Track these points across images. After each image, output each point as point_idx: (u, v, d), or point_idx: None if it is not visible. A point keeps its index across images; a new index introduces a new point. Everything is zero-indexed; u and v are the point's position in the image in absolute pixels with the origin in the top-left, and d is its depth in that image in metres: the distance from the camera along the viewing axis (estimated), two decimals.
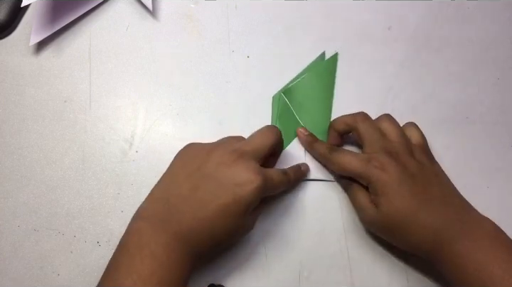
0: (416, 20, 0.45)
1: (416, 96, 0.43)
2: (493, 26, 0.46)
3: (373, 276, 0.38)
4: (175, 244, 0.29)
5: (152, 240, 0.29)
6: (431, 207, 0.33)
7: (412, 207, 0.32)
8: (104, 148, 0.40)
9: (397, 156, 0.34)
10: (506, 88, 0.44)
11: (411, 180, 0.33)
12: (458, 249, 0.31)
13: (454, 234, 0.32)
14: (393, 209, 0.33)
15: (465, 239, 0.31)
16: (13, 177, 0.39)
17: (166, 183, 0.33)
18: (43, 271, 0.37)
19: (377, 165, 0.34)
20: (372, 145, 0.35)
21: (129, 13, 0.43)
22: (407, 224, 0.33)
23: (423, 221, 0.32)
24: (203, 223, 0.30)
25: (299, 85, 0.42)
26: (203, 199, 0.30)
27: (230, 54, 0.43)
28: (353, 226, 0.39)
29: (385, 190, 0.33)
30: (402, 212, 0.33)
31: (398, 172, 0.33)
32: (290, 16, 0.44)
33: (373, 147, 0.35)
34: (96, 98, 0.41)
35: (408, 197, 0.33)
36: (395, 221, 0.33)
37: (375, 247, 0.39)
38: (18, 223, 0.38)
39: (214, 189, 0.30)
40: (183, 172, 0.32)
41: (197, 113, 0.41)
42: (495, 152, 0.42)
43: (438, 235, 0.32)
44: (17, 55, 0.42)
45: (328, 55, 0.44)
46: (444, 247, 0.32)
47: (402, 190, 0.33)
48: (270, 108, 0.42)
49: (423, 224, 0.32)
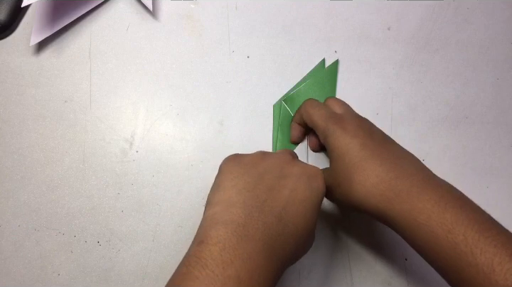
0: (416, 20, 0.45)
1: (416, 97, 0.43)
2: (492, 26, 0.46)
3: (373, 276, 0.38)
4: (262, 254, 0.24)
5: (237, 255, 0.23)
6: (388, 160, 0.31)
7: (359, 157, 0.31)
8: (105, 148, 0.40)
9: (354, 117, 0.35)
10: (506, 88, 0.44)
11: (367, 135, 0.33)
12: (421, 206, 0.28)
13: (415, 190, 0.29)
14: (340, 160, 0.32)
15: (428, 196, 0.28)
16: (13, 177, 0.39)
17: (233, 188, 0.28)
18: (44, 271, 0.37)
19: (336, 120, 0.34)
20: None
21: (129, 13, 0.43)
22: (352, 178, 0.31)
23: (377, 170, 0.30)
24: (288, 225, 0.27)
25: (299, 93, 0.42)
26: (283, 199, 0.28)
27: (230, 54, 0.43)
28: (353, 226, 0.39)
29: (337, 142, 0.33)
30: (348, 162, 0.31)
31: (354, 126, 0.33)
32: (290, 16, 0.44)
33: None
34: (96, 98, 0.41)
35: (358, 147, 0.32)
36: (340, 175, 0.32)
37: (375, 247, 0.39)
38: (19, 223, 0.38)
39: (291, 186, 0.28)
40: (249, 175, 0.29)
41: (197, 113, 0.41)
42: (494, 152, 0.42)
43: (394, 187, 0.29)
44: (17, 55, 0.42)
45: (328, 55, 0.44)
46: (403, 203, 0.29)
47: (353, 141, 0.32)
48: (270, 108, 0.42)
49: (376, 173, 0.30)
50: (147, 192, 0.39)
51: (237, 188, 0.28)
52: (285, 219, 0.27)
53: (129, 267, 0.37)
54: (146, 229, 0.38)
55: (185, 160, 0.40)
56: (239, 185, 0.28)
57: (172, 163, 0.40)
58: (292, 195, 0.28)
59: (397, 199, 0.29)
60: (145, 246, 0.38)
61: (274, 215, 0.27)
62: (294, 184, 0.29)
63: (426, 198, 0.28)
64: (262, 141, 0.41)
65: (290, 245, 0.27)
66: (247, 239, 0.24)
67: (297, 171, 0.30)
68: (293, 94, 0.42)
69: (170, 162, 0.40)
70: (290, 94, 0.42)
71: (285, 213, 0.27)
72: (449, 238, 0.26)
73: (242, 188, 0.28)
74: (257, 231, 0.25)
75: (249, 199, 0.27)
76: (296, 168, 0.30)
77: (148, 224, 0.38)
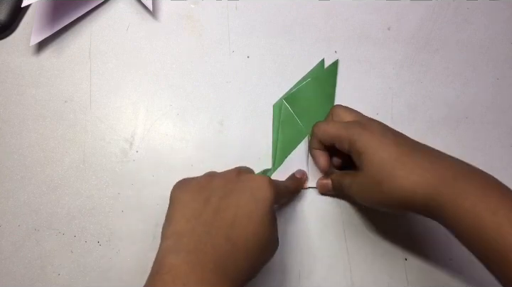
0: (415, 20, 0.45)
1: (416, 97, 0.43)
2: (492, 26, 0.46)
3: (373, 276, 0.38)
4: (214, 275, 0.26)
5: (189, 280, 0.25)
6: (419, 156, 0.31)
7: (398, 153, 0.31)
8: (105, 148, 0.40)
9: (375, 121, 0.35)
10: (506, 88, 0.44)
11: (393, 134, 0.33)
12: (466, 193, 0.28)
13: (457, 177, 0.29)
14: (377, 159, 0.31)
15: (472, 181, 0.29)
16: (13, 177, 0.39)
17: (183, 217, 0.29)
18: (44, 271, 0.37)
19: (358, 125, 0.34)
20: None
21: (129, 13, 0.43)
22: (394, 173, 0.30)
23: (412, 169, 0.30)
24: (236, 243, 0.28)
25: (300, 92, 0.42)
26: (229, 217, 0.28)
27: (230, 54, 0.43)
28: (353, 226, 0.39)
29: (367, 144, 0.32)
30: (387, 159, 0.31)
31: (380, 127, 0.33)
32: (290, 16, 0.44)
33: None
34: (96, 98, 0.41)
35: (393, 145, 0.31)
36: (380, 174, 0.31)
37: (375, 247, 0.39)
38: (19, 223, 0.38)
39: (234, 203, 0.29)
40: (196, 201, 0.30)
41: (197, 113, 0.41)
42: (494, 152, 0.42)
43: (433, 186, 0.29)
44: (17, 55, 0.42)
45: (328, 55, 0.44)
46: (448, 189, 0.29)
47: (385, 140, 0.32)
48: (270, 108, 0.42)
49: (413, 173, 0.30)
50: (147, 192, 0.39)
51: (186, 217, 0.29)
52: (233, 237, 0.28)
53: (129, 267, 0.37)
54: (146, 229, 0.38)
55: (185, 160, 0.40)
56: (187, 214, 0.29)
57: (172, 163, 0.40)
58: (238, 212, 0.29)
59: (444, 186, 0.29)
60: (145, 246, 0.38)
61: (221, 236, 0.28)
62: (237, 200, 0.29)
63: (472, 183, 0.29)
64: (262, 141, 0.41)
65: (242, 261, 0.28)
66: (197, 264, 0.26)
67: (240, 187, 0.30)
68: (293, 93, 0.42)
69: (170, 162, 0.40)
70: (291, 93, 0.42)
71: (232, 231, 0.28)
72: (494, 220, 0.27)
73: (190, 216, 0.29)
74: (207, 255, 0.27)
75: (197, 225, 0.28)
76: (240, 184, 0.30)
77: (148, 224, 0.38)
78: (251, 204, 0.29)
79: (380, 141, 0.32)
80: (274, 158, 0.41)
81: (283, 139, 0.41)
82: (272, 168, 0.40)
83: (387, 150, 0.31)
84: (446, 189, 0.29)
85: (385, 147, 0.31)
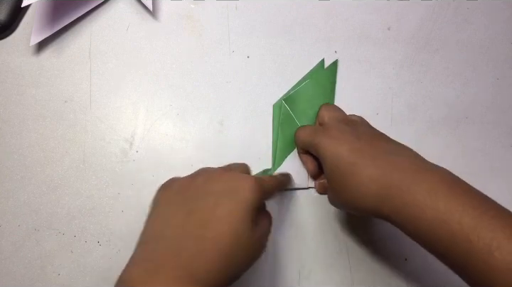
0: (415, 20, 0.45)
1: (415, 97, 0.43)
2: (492, 26, 0.46)
3: (373, 276, 0.38)
4: (179, 281, 0.25)
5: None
6: (377, 158, 0.31)
7: (354, 156, 0.31)
8: (105, 148, 0.40)
9: (339, 123, 0.35)
10: (506, 88, 0.44)
11: (354, 137, 0.33)
12: (412, 199, 0.28)
13: (405, 183, 0.28)
14: (335, 162, 0.31)
15: (419, 188, 0.28)
16: (13, 177, 0.39)
17: (154, 222, 0.29)
18: (44, 271, 0.37)
19: (321, 130, 0.34)
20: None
21: (129, 13, 0.43)
22: (351, 176, 0.30)
23: (367, 171, 0.30)
24: (208, 243, 0.26)
25: (299, 92, 0.42)
26: (203, 218, 0.27)
27: (230, 54, 0.43)
28: (353, 226, 0.39)
29: (329, 148, 0.32)
30: (344, 161, 0.31)
31: (340, 132, 0.33)
32: (290, 16, 0.44)
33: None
34: (96, 98, 0.41)
35: (350, 149, 0.31)
36: (339, 175, 0.31)
37: (375, 247, 0.39)
38: (19, 223, 0.38)
39: (211, 202, 0.28)
40: (172, 204, 0.29)
41: (197, 113, 0.42)
42: (494, 152, 0.42)
43: (384, 184, 0.29)
44: (17, 55, 0.42)
45: (328, 55, 0.44)
46: (396, 198, 0.28)
47: (344, 144, 0.32)
48: (270, 108, 0.42)
49: (367, 174, 0.30)
50: (147, 192, 0.39)
51: (158, 221, 0.29)
52: (206, 237, 0.26)
53: None
54: None
55: (185, 160, 0.40)
56: (160, 217, 0.29)
57: (172, 163, 0.40)
58: (216, 212, 0.27)
59: (389, 196, 0.29)
60: None
61: (191, 238, 0.26)
62: (215, 201, 0.28)
63: (417, 190, 0.28)
64: (262, 141, 0.41)
65: (216, 262, 0.26)
66: (157, 272, 0.25)
67: (220, 187, 0.29)
68: (293, 93, 0.42)
69: (170, 162, 0.40)
70: (290, 94, 0.42)
71: (205, 232, 0.27)
72: (445, 228, 0.26)
73: (162, 220, 0.28)
74: (169, 261, 0.26)
75: (166, 229, 0.27)
76: (220, 183, 0.29)
77: None
78: (230, 205, 0.28)
79: (335, 149, 0.32)
80: (274, 158, 0.41)
81: (283, 139, 0.41)
82: (272, 168, 0.40)
83: (340, 160, 0.31)
84: (391, 201, 0.29)
85: (340, 156, 0.32)
